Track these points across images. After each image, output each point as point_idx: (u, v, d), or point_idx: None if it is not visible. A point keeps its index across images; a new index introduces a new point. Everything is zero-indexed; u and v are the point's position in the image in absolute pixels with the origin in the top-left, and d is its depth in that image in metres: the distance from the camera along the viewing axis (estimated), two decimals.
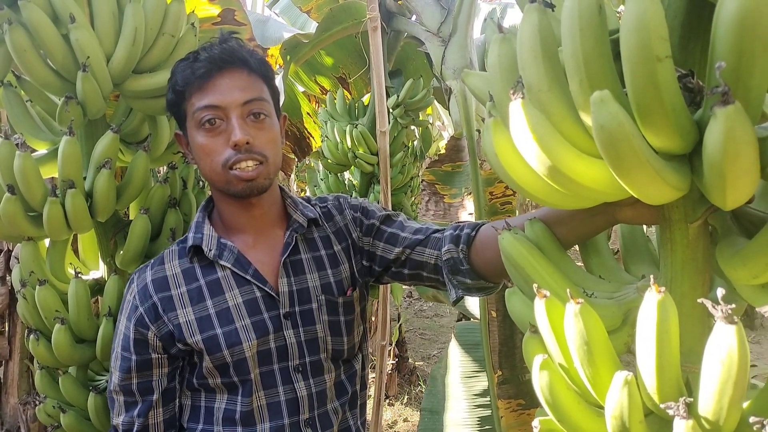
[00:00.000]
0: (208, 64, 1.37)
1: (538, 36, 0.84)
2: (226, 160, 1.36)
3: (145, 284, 1.45)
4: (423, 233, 1.52)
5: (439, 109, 7.71)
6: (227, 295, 1.42)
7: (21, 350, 4.30)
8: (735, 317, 0.69)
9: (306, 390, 1.45)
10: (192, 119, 1.39)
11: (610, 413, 0.81)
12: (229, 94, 1.36)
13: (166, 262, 1.47)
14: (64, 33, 1.76)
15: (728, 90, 0.64)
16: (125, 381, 1.43)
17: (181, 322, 1.40)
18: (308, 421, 1.45)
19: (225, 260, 1.43)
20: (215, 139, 1.37)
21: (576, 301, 0.81)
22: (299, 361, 1.45)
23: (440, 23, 2.94)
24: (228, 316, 1.41)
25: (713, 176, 0.71)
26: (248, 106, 1.38)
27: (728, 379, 0.71)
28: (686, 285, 0.88)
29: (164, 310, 1.41)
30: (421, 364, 6.53)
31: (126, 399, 1.45)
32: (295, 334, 1.45)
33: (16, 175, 1.72)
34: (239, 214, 1.47)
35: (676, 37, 0.83)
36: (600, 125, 0.70)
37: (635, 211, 1.01)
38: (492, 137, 0.92)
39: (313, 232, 1.54)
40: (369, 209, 1.61)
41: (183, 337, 1.40)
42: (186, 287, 1.43)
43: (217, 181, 1.40)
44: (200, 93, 1.37)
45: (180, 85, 1.40)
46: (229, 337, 1.39)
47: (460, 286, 1.44)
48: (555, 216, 1.14)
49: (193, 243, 1.45)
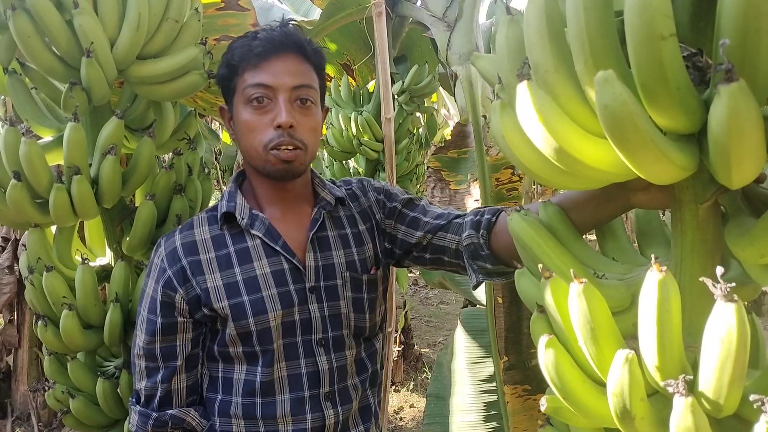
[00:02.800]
0: (266, 44, 1.41)
1: (544, 16, 0.83)
2: (268, 140, 1.39)
3: (174, 248, 1.46)
4: (444, 218, 1.54)
5: (444, 96, 7.67)
6: (255, 264, 1.44)
7: (30, 338, 4.35)
8: (734, 295, 0.70)
9: (327, 364, 1.47)
10: (241, 95, 1.42)
11: (611, 390, 0.82)
12: (281, 76, 1.40)
13: (195, 228, 1.49)
14: (68, 19, 1.75)
15: (732, 67, 0.64)
16: (150, 345, 1.45)
17: (209, 286, 1.42)
18: (328, 395, 1.47)
19: (256, 230, 1.46)
20: (260, 118, 1.40)
21: (579, 280, 0.82)
22: (322, 335, 1.47)
23: (446, 8, 2.92)
24: (255, 285, 1.42)
25: (718, 155, 0.71)
26: (297, 91, 1.41)
27: (728, 357, 0.72)
28: (696, 266, 0.88)
29: (193, 274, 1.43)
30: (427, 351, 6.55)
31: (148, 364, 1.46)
32: (320, 308, 1.47)
33: (21, 161, 1.73)
34: (271, 191, 1.51)
35: (686, 15, 0.82)
36: (604, 105, 0.70)
37: (649, 195, 1.01)
38: (499, 119, 0.92)
39: (339, 210, 1.57)
40: (392, 192, 1.65)
41: (210, 301, 1.41)
42: (215, 253, 1.45)
43: (255, 158, 1.43)
44: (253, 70, 1.40)
45: (235, 60, 1.43)
46: (255, 305, 1.41)
47: (480, 271, 1.46)
48: (570, 202, 1.15)
49: (226, 210, 1.47)
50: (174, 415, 1.46)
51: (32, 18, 1.72)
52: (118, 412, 2.04)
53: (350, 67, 4.09)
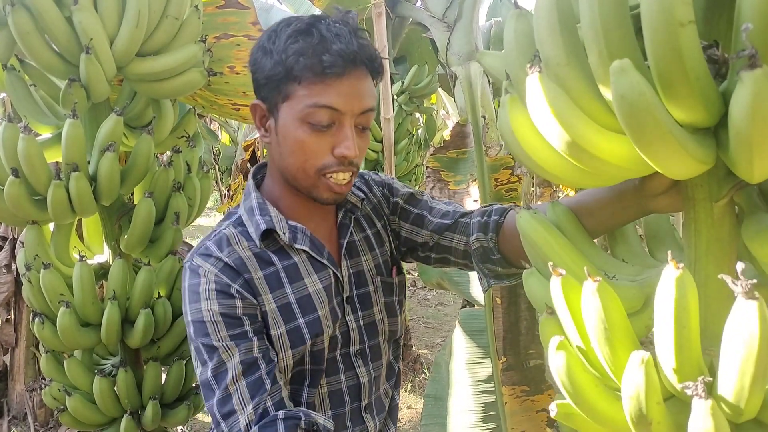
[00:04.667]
0: (340, 59, 1.19)
1: (556, 9, 0.81)
2: (324, 166, 1.23)
3: (225, 263, 1.25)
4: (450, 217, 1.45)
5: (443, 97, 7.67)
6: (306, 281, 1.30)
7: (27, 337, 4.32)
8: (756, 293, 0.66)
9: (366, 375, 1.38)
10: (300, 110, 1.22)
11: (626, 394, 0.78)
12: (351, 99, 1.22)
13: (235, 244, 1.29)
14: (68, 15, 1.75)
15: (755, 53, 0.61)
16: (248, 354, 1.22)
17: (267, 309, 1.26)
18: (367, 407, 1.40)
19: (300, 243, 1.31)
20: (319, 140, 1.22)
21: (594, 279, 0.78)
22: (359, 347, 1.38)
23: (445, 9, 2.92)
24: (310, 304, 1.29)
25: (740, 145, 0.69)
26: (363, 116, 1.26)
27: (749, 357, 0.68)
28: (711, 266, 0.85)
29: (253, 294, 1.25)
30: (425, 352, 6.54)
31: (249, 381, 1.21)
32: (355, 318, 1.37)
33: (20, 158, 1.72)
34: (300, 201, 1.35)
35: (700, 9, 0.79)
36: (620, 95, 0.68)
37: (669, 199, 0.97)
38: (509, 114, 0.89)
39: (357, 212, 1.45)
40: (393, 186, 1.54)
41: (268, 328, 1.26)
42: (262, 272, 1.28)
43: (302, 181, 1.27)
44: (322, 86, 1.20)
45: (297, 69, 1.20)
46: (312, 327, 1.28)
47: (491, 274, 1.39)
48: (583, 207, 1.10)
49: (266, 227, 1.29)
50: (303, 411, 1.23)
51: (31, 14, 1.71)
52: (115, 410, 2.02)
53: None
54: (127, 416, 2.01)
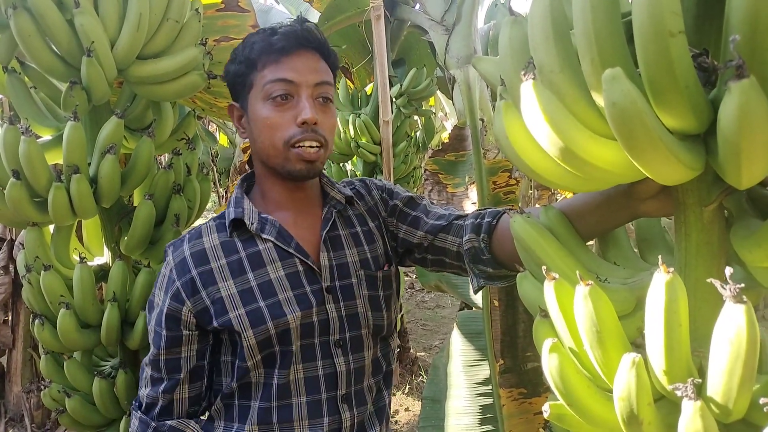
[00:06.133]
0: (288, 39, 1.38)
1: (550, 16, 0.83)
2: (290, 137, 1.36)
3: (183, 258, 1.42)
4: (445, 219, 1.52)
5: (442, 100, 7.69)
6: (269, 267, 1.41)
7: (24, 339, 4.33)
8: (744, 297, 0.68)
9: (345, 365, 1.44)
10: (261, 91, 1.39)
11: (617, 395, 0.80)
12: (304, 72, 1.38)
13: (204, 236, 1.45)
14: (69, 18, 1.76)
15: (743, 63, 0.63)
16: (155, 356, 1.43)
17: (222, 295, 1.38)
18: (345, 397, 1.44)
19: (267, 233, 1.42)
20: (282, 114, 1.37)
21: (586, 282, 0.80)
22: (340, 336, 1.44)
23: (444, 12, 2.93)
24: (270, 289, 1.39)
25: (728, 153, 0.70)
26: (319, 88, 1.40)
27: (737, 359, 0.70)
28: (701, 269, 0.86)
29: (203, 285, 1.39)
30: (423, 354, 6.54)
31: (153, 374, 1.44)
32: (336, 308, 1.44)
33: (21, 160, 1.73)
34: (282, 192, 1.48)
35: (690, 17, 0.81)
36: (612, 102, 0.69)
37: (658, 203, 0.99)
38: (503, 120, 0.91)
39: (348, 210, 1.55)
40: (394, 190, 1.63)
41: (225, 311, 1.37)
42: (226, 260, 1.41)
43: (274, 157, 1.40)
44: (275, 66, 1.37)
45: (254, 55, 1.39)
46: (273, 310, 1.37)
47: (482, 275, 1.44)
48: (574, 210, 1.13)
49: (234, 216, 1.43)
50: (173, 426, 1.43)
51: (33, 17, 1.72)
52: (114, 411, 2.03)
53: (349, 69, 4.10)
54: (126, 417, 2.02)
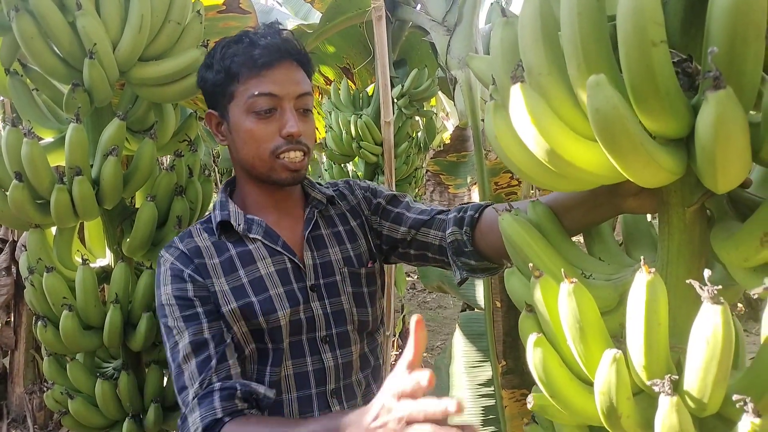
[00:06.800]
0: (268, 52, 1.40)
1: (539, 19, 0.85)
2: (275, 148, 1.40)
3: (181, 252, 1.44)
4: (428, 214, 1.56)
5: (443, 100, 7.69)
6: (259, 264, 1.44)
7: (27, 340, 4.33)
8: (721, 298, 0.72)
9: (333, 361, 1.48)
10: (243, 104, 1.41)
11: (598, 389, 0.83)
12: (287, 85, 1.41)
13: (195, 236, 1.48)
14: (71, 20, 1.77)
15: (720, 75, 0.66)
16: (197, 335, 1.35)
17: (216, 290, 1.40)
18: (334, 392, 1.48)
19: (254, 233, 1.46)
20: (266, 127, 1.40)
21: (570, 280, 0.83)
22: (326, 332, 1.48)
23: (445, 12, 2.93)
24: (261, 284, 1.43)
25: (705, 159, 0.73)
26: (301, 99, 1.44)
27: (713, 357, 0.73)
28: (682, 268, 0.89)
29: (202, 276, 1.41)
30: (425, 355, 6.54)
31: (198, 359, 1.34)
32: (322, 306, 1.48)
33: (23, 162, 1.74)
34: (265, 197, 1.52)
35: (677, 22, 0.84)
36: (595, 108, 0.72)
37: (639, 200, 1.03)
38: (492, 120, 0.94)
39: (329, 210, 1.60)
40: (377, 189, 1.68)
41: (219, 305, 1.40)
42: (218, 258, 1.44)
43: (259, 167, 1.44)
44: (257, 80, 1.40)
45: (234, 68, 1.41)
46: (264, 305, 1.41)
47: (464, 267, 1.48)
48: (560, 206, 1.16)
49: (221, 219, 1.47)
50: (241, 382, 1.34)
51: (35, 19, 1.73)
52: (117, 413, 2.04)
53: (350, 70, 4.11)
54: (128, 419, 2.02)
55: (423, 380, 0.90)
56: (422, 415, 0.90)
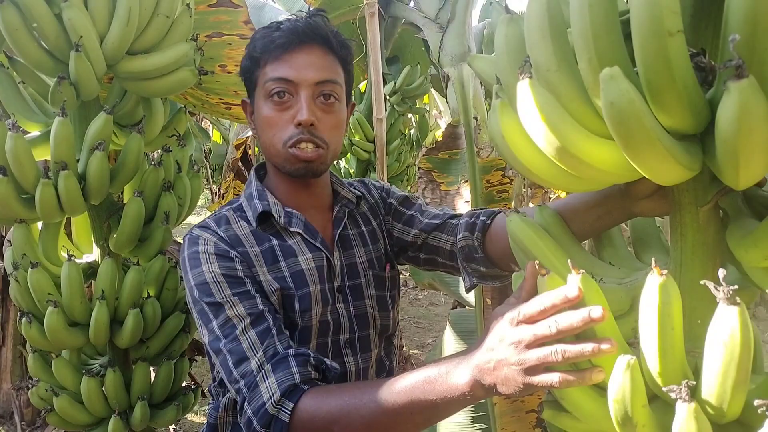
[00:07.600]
0: (289, 35, 1.33)
1: (547, 15, 0.82)
2: (288, 137, 1.33)
3: (221, 236, 1.34)
4: (440, 218, 1.52)
5: (436, 98, 7.68)
6: (300, 258, 1.37)
7: (14, 336, 4.28)
8: (737, 298, 0.68)
9: (354, 365, 1.43)
10: (262, 88, 1.36)
11: (612, 397, 0.80)
12: (304, 70, 1.33)
13: (233, 223, 1.39)
14: (57, 12, 1.73)
15: (742, 63, 0.62)
16: (253, 308, 1.27)
17: (261, 279, 1.32)
18: None
19: (294, 227, 1.39)
20: (281, 114, 1.34)
21: (578, 271, 0.80)
22: (349, 336, 1.42)
23: (438, 9, 2.92)
24: (302, 279, 1.35)
25: (726, 153, 0.70)
26: (320, 86, 1.34)
27: (731, 361, 0.70)
28: (696, 269, 0.86)
29: (247, 265, 1.32)
30: (416, 352, 6.54)
31: (257, 330, 1.25)
32: (346, 308, 1.42)
33: (8, 156, 1.70)
34: (293, 190, 1.44)
35: (687, 17, 0.81)
36: (610, 102, 0.68)
37: (651, 203, 0.99)
38: (499, 119, 0.90)
39: (354, 209, 1.54)
40: (390, 190, 1.64)
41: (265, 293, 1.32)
42: (259, 247, 1.36)
43: (274, 156, 1.37)
44: (275, 63, 1.34)
45: (257, 52, 1.36)
46: (303, 301, 1.34)
47: (474, 274, 1.44)
48: (569, 209, 1.13)
49: (262, 210, 1.38)
50: (309, 350, 1.26)
51: (20, 11, 1.70)
52: (103, 410, 2.01)
53: None
54: (115, 416, 2.00)
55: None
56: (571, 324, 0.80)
